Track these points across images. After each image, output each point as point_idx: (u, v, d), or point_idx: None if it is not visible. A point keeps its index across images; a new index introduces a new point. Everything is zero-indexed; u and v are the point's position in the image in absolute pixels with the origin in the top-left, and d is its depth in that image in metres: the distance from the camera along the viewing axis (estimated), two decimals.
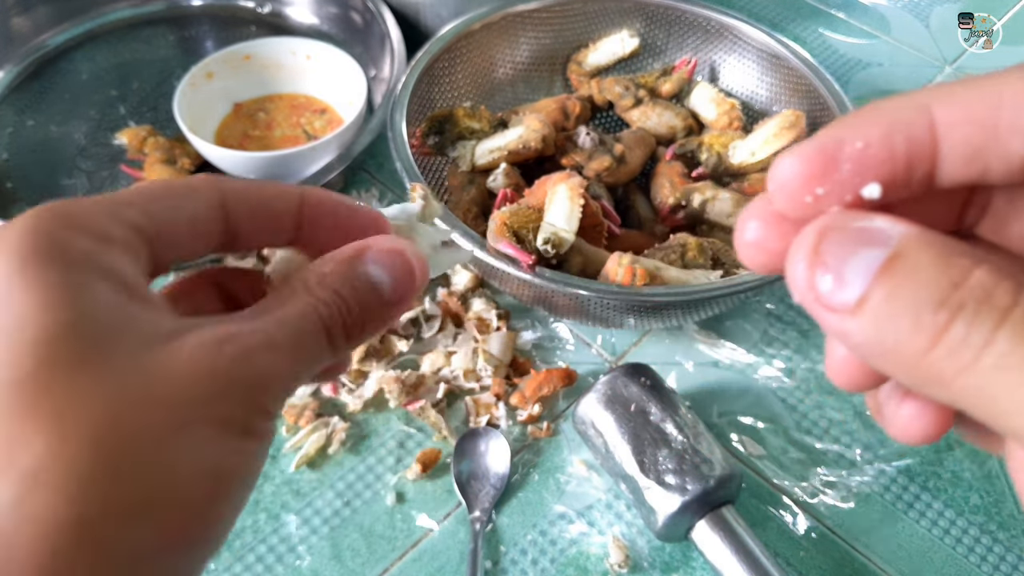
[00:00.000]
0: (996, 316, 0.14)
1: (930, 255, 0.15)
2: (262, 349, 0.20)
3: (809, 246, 0.17)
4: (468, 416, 0.58)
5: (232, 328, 0.20)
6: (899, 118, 0.16)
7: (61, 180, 0.73)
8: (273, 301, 0.22)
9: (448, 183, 0.67)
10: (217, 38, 0.87)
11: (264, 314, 0.21)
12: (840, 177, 0.17)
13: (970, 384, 0.14)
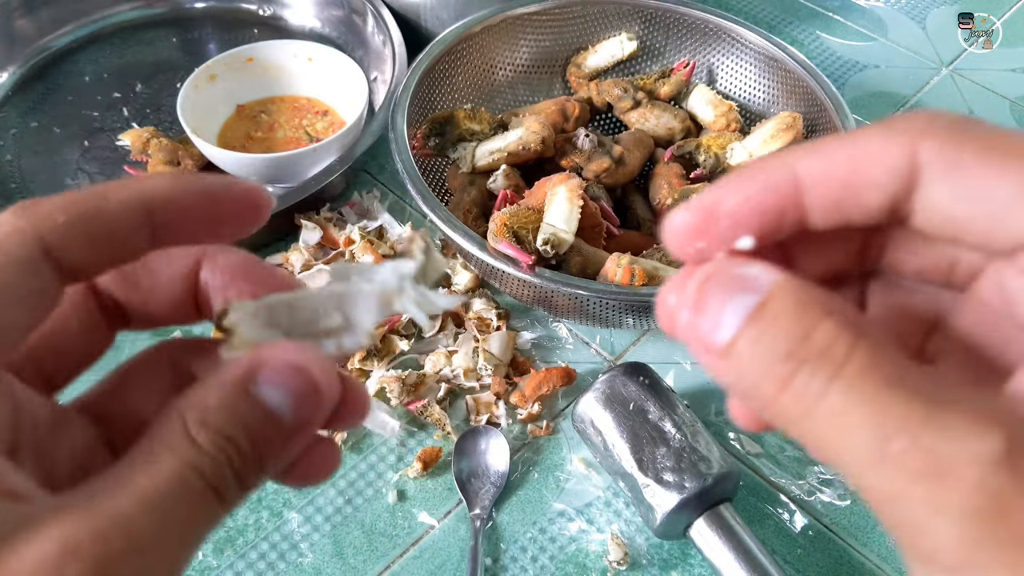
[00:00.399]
0: (831, 370, 0.16)
1: (790, 303, 0.17)
2: (122, 556, 0.16)
3: (693, 289, 0.18)
4: (468, 415, 0.58)
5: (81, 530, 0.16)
6: (768, 179, 0.19)
7: (64, 181, 0.73)
8: (141, 456, 0.17)
9: (449, 184, 0.67)
10: (219, 40, 0.88)
11: (126, 485, 0.17)
12: (719, 231, 0.19)
13: (809, 429, 0.16)
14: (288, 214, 0.66)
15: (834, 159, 0.18)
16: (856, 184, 0.18)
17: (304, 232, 0.66)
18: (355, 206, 0.70)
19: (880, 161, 0.18)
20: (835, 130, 0.63)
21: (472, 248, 0.53)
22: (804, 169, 0.18)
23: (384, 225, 0.68)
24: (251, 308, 0.21)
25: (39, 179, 0.74)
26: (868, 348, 0.16)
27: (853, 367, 0.16)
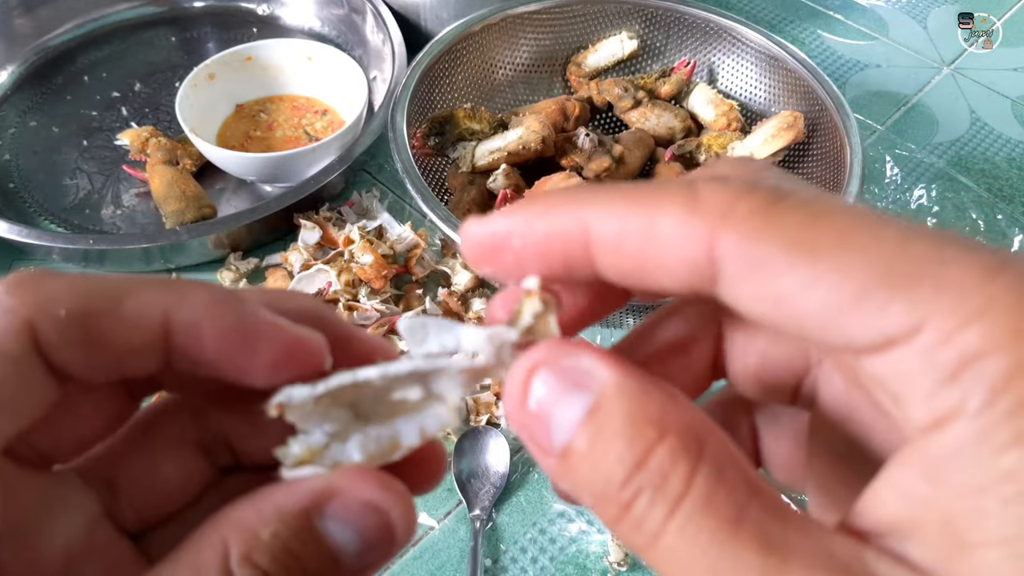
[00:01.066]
0: (668, 506, 0.14)
1: (621, 418, 0.15)
2: None
3: (520, 383, 0.16)
4: (468, 415, 0.58)
5: None
6: (555, 225, 0.17)
7: (63, 181, 0.73)
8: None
9: (448, 184, 0.67)
10: (218, 39, 0.88)
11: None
12: (505, 264, 0.17)
13: (652, 561, 0.15)
14: (287, 213, 0.66)
15: (625, 227, 0.16)
16: (647, 266, 0.16)
17: (303, 232, 0.66)
18: (354, 205, 0.70)
19: (673, 250, 0.15)
20: (836, 129, 0.63)
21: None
22: (595, 227, 0.16)
23: (384, 225, 0.68)
24: (309, 399, 0.17)
25: (38, 179, 0.73)
26: (707, 478, 0.14)
27: (690, 502, 0.14)
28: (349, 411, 0.18)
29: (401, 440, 0.18)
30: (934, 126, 0.82)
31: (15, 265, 0.67)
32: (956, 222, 0.73)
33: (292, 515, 0.16)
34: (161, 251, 0.63)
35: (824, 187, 0.64)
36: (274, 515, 0.16)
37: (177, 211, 0.66)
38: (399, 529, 0.17)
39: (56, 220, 0.70)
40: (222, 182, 0.73)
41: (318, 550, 0.16)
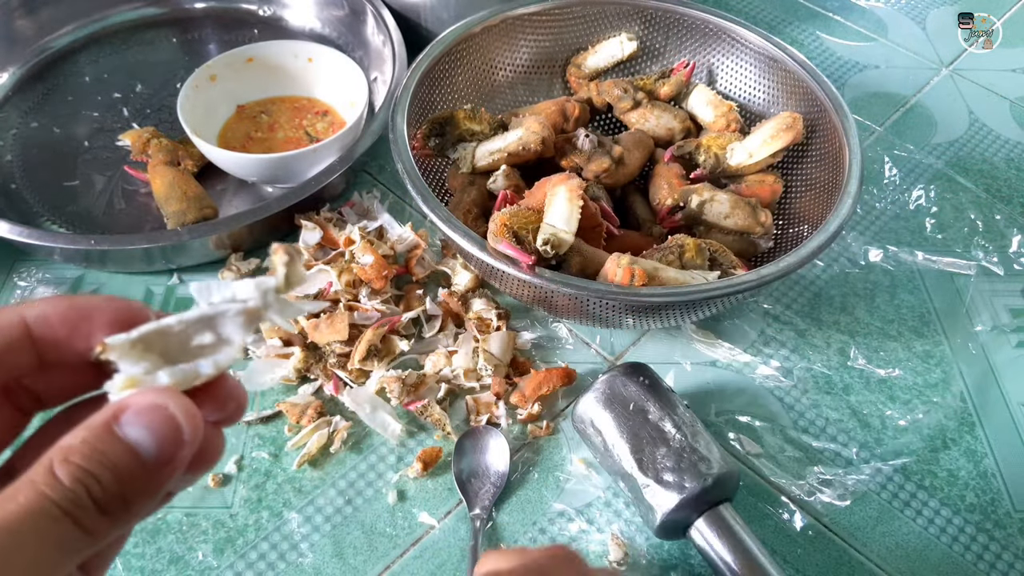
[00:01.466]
0: None
1: None
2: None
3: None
4: (468, 415, 0.58)
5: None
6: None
7: (64, 181, 0.73)
8: (5, 495, 0.19)
9: (449, 184, 0.67)
10: (220, 41, 0.88)
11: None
12: None
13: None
14: (288, 214, 0.66)
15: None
16: None
17: (304, 232, 0.66)
18: (355, 206, 0.71)
19: None
20: (835, 130, 0.63)
21: (472, 248, 0.53)
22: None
23: (384, 225, 0.68)
24: (125, 342, 0.22)
25: (40, 179, 0.74)
26: None
27: None
28: (160, 358, 0.23)
29: (200, 371, 0.23)
30: (933, 127, 0.82)
31: (16, 266, 0.67)
32: (955, 222, 0.73)
33: (96, 425, 0.21)
34: (162, 251, 0.64)
35: (823, 188, 0.64)
36: (82, 430, 0.21)
37: (178, 212, 0.67)
38: (182, 420, 0.21)
39: (58, 220, 0.70)
40: (223, 183, 0.73)
41: (119, 446, 0.20)
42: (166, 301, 0.65)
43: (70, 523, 0.19)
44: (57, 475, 0.20)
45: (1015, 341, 0.65)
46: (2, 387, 0.24)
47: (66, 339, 0.23)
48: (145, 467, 0.21)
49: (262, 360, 0.60)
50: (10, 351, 0.23)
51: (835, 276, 0.69)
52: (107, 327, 0.23)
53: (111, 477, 0.20)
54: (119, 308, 0.24)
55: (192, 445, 0.21)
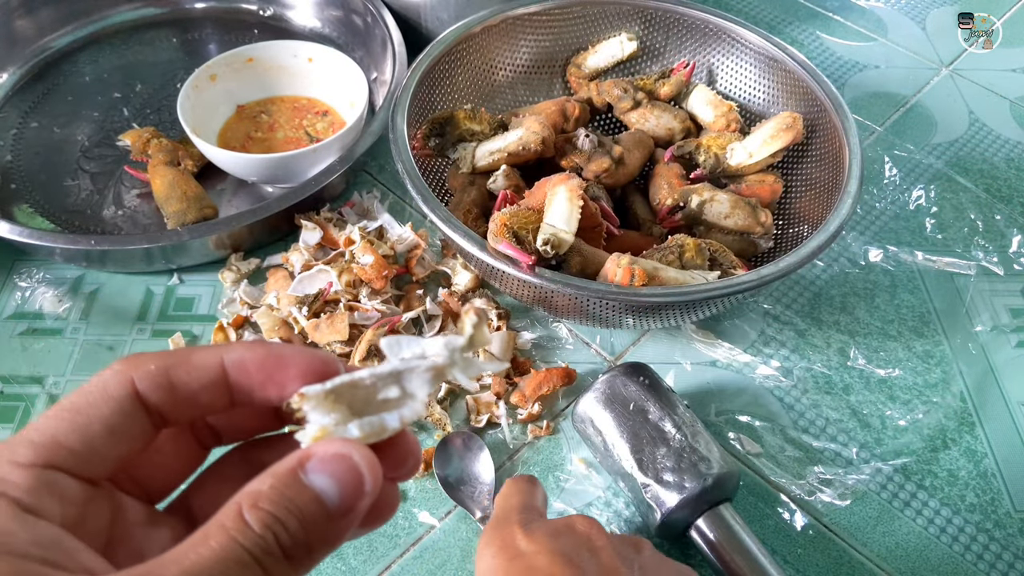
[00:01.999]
0: None
1: None
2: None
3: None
4: (469, 415, 0.58)
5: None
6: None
7: (64, 181, 0.73)
8: (197, 536, 0.20)
9: (449, 185, 0.67)
10: (220, 41, 0.88)
11: (177, 558, 0.20)
12: None
13: None
14: (288, 214, 0.66)
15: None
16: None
17: (304, 232, 0.66)
18: (355, 206, 0.71)
19: None
20: (835, 130, 0.63)
21: (472, 248, 0.53)
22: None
23: (384, 225, 0.68)
24: (320, 393, 0.23)
25: (39, 179, 0.74)
26: None
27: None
28: (348, 409, 0.23)
29: (386, 424, 0.24)
30: (933, 127, 0.82)
31: (16, 265, 0.67)
32: (955, 222, 0.73)
33: (283, 472, 0.21)
34: (163, 251, 0.64)
35: (823, 188, 0.64)
36: (270, 476, 0.21)
37: (179, 212, 0.67)
38: (364, 470, 0.22)
39: (58, 221, 0.70)
40: (223, 183, 0.73)
41: (305, 493, 0.21)
42: (166, 301, 0.65)
43: (259, 570, 0.20)
44: (247, 521, 0.20)
45: (1015, 341, 0.65)
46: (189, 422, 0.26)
47: (260, 385, 0.24)
48: (328, 515, 0.21)
49: None
50: (205, 391, 0.24)
51: (835, 276, 0.69)
52: (300, 377, 0.24)
53: (297, 524, 0.21)
54: (313, 359, 0.25)
55: (372, 496, 0.22)
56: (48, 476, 0.21)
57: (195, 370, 0.24)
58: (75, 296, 0.65)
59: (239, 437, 0.27)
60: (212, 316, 0.64)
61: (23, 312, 0.64)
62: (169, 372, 0.23)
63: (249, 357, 0.24)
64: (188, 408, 0.24)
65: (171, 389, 0.23)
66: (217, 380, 0.24)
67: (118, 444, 0.23)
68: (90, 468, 0.22)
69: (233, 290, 0.65)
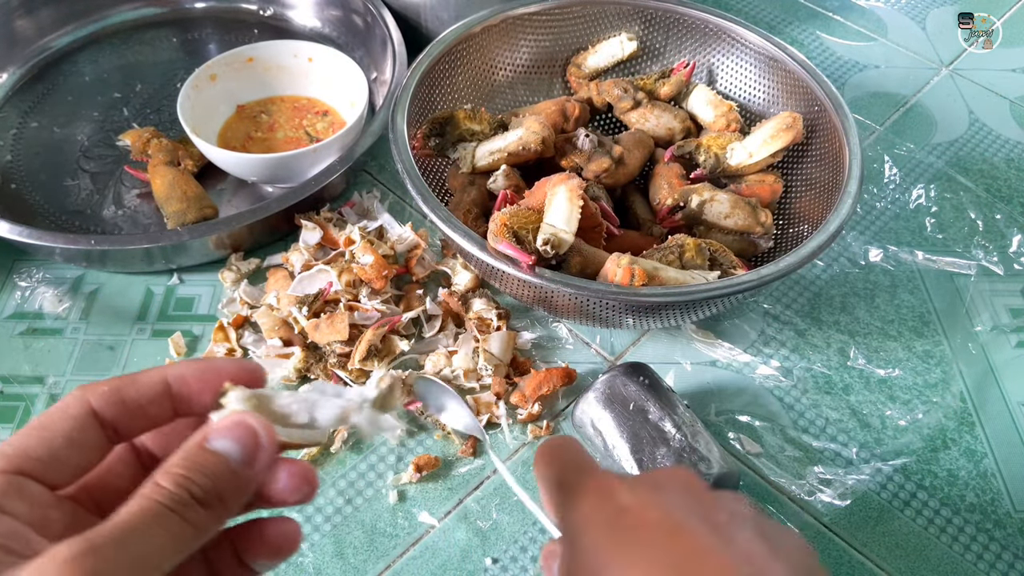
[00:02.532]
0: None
1: None
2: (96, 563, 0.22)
3: None
4: None
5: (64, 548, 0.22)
6: None
7: (64, 181, 0.73)
8: (121, 508, 0.24)
9: (449, 184, 0.67)
10: (220, 40, 0.88)
11: (105, 523, 0.23)
12: None
13: None
14: (288, 214, 0.66)
15: None
16: None
17: (304, 232, 0.66)
18: (355, 206, 0.71)
19: None
20: (835, 130, 0.63)
21: (472, 248, 0.53)
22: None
23: (384, 225, 0.68)
24: (244, 394, 0.28)
25: (39, 179, 0.74)
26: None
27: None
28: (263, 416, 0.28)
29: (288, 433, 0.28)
30: (933, 126, 0.82)
31: (16, 265, 0.67)
32: (955, 222, 0.73)
33: (189, 446, 0.26)
34: (163, 251, 0.64)
35: (823, 188, 0.64)
36: (178, 452, 0.26)
37: (178, 211, 0.67)
38: (259, 430, 0.26)
39: (58, 221, 0.70)
40: (223, 183, 0.73)
41: (211, 456, 0.26)
42: (166, 301, 0.65)
43: (177, 518, 0.24)
44: (161, 484, 0.24)
45: (1015, 341, 0.65)
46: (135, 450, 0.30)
47: (197, 393, 0.28)
48: (232, 468, 0.26)
49: (262, 360, 0.60)
50: (152, 403, 0.28)
51: (835, 276, 0.69)
52: (230, 380, 0.28)
53: (206, 479, 0.25)
54: (242, 367, 0.29)
55: (270, 449, 0.26)
56: (16, 481, 0.25)
57: (142, 386, 0.28)
58: (75, 296, 0.65)
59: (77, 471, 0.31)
60: (212, 316, 0.64)
61: (23, 312, 0.64)
62: (120, 391, 0.28)
63: (188, 371, 0.29)
64: (138, 420, 0.28)
65: (122, 404, 0.28)
66: (161, 393, 0.28)
67: (77, 454, 0.27)
68: (54, 475, 0.26)
69: (233, 290, 0.65)
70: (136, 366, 0.61)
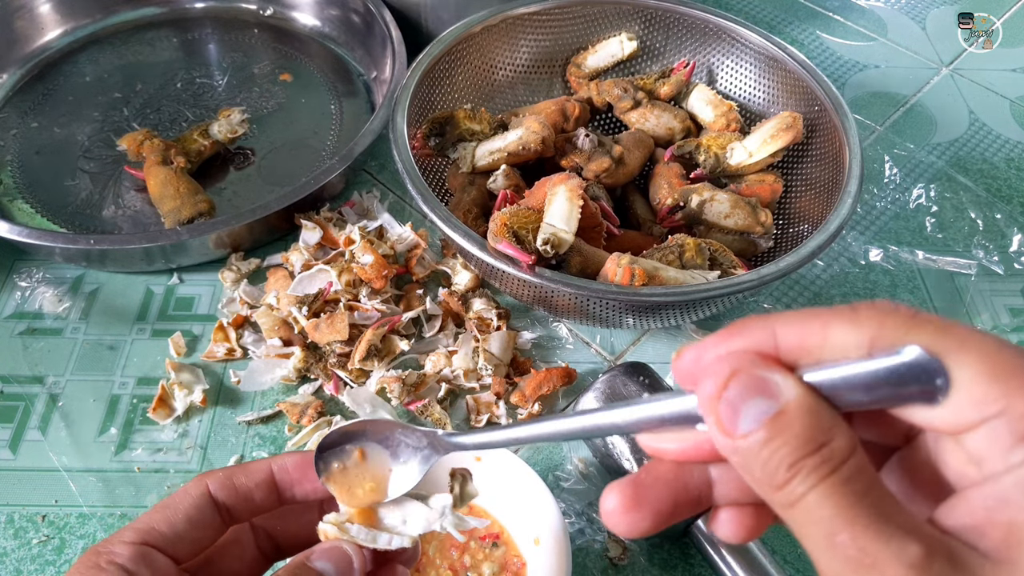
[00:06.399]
0: (816, 480, 0.21)
1: (802, 423, 0.21)
2: None
3: (721, 379, 0.22)
4: (469, 415, 0.58)
5: None
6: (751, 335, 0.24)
7: (64, 181, 0.73)
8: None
9: (449, 184, 0.67)
10: (220, 41, 0.88)
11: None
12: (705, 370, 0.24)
13: (790, 516, 0.22)
14: (288, 213, 0.66)
15: (808, 328, 0.22)
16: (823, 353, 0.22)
17: (304, 232, 0.66)
18: (355, 206, 0.70)
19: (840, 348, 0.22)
20: (835, 130, 0.63)
21: (472, 248, 0.53)
22: (781, 332, 0.23)
23: (384, 225, 0.68)
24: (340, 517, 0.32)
25: (39, 179, 0.74)
26: (850, 468, 0.21)
27: (833, 479, 0.21)
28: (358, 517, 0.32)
29: (377, 540, 0.31)
30: (933, 126, 0.82)
31: (16, 265, 0.67)
32: (955, 222, 0.73)
33: (295, 562, 0.30)
34: (162, 251, 0.64)
35: (823, 187, 0.64)
36: (288, 565, 0.30)
37: (173, 209, 0.67)
38: (352, 556, 0.31)
39: (58, 220, 0.70)
40: (222, 181, 0.73)
41: (311, 571, 0.30)
42: (166, 301, 0.65)
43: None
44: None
45: (1015, 341, 0.65)
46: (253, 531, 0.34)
47: (297, 482, 0.33)
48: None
49: (262, 360, 0.60)
50: (258, 488, 0.33)
51: (835, 276, 0.69)
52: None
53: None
54: None
55: (360, 572, 0.30)
56: (145, 551, 0.29)
57: (251, 473, 0.33)
58: (75, 296, 0.65)
59: (296, 549, 0.35)
60: (212, 316, 0.64)
61: (23, 312, 0.64)
62: (232, 476, 0.32)
63: (289, 461, 0.33)
64: (247, 504, 0.32)
65: (233, 488, 0.32)
66: (267, 480, 0.33)
67: (196, 530, 0.31)
68: (176, 548, 0.30)
69: (233, 290, 0.65)
70: (136, 366, 0.61)
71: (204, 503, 0.31)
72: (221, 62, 0.86)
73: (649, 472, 0.25)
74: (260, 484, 0.32)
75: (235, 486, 0.32)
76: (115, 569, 0.28)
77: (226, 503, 0.32)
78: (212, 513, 0.32)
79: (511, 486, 0.49)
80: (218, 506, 0.32)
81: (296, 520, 0.35)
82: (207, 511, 0.31)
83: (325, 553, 0.30)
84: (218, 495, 0.32)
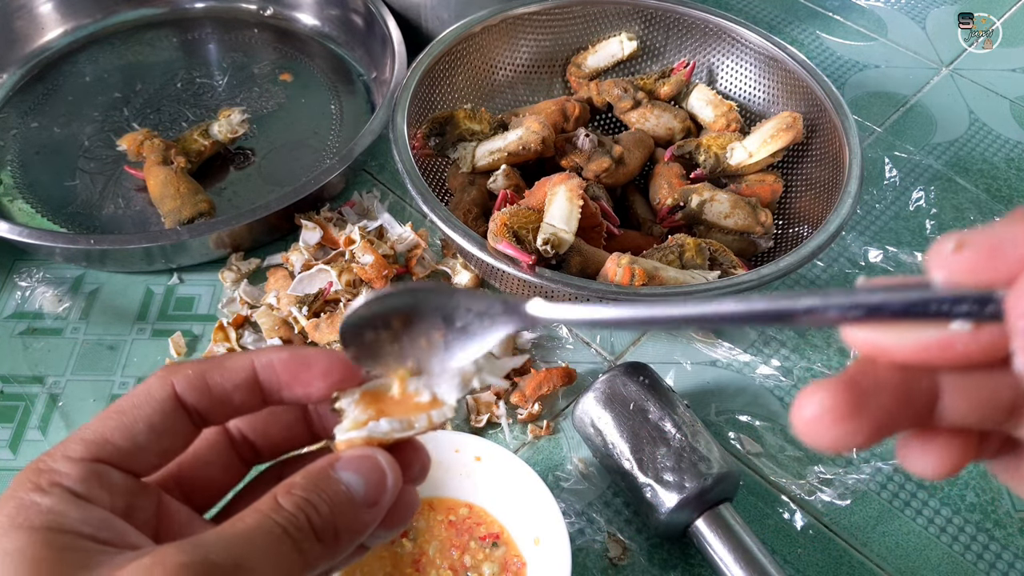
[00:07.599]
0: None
1: None
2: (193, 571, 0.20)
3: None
4: (469, 414, 0.58)
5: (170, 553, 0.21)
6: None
7: (64, 181, 0.73)
8: (234, 518, 0.23)
9: (449, 184, 0.67)
10: (220, 41, 0.88)
11: (215, 532, 0.22)
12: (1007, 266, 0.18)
13: None
14: (288, 213, 0.66)
15: None
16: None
17: (304, 232, 0.66)
18: (355, 206, 0.70)
19: None
20: (835, 130, 0.63)
21: (472, 248, 0.53)
22: None
23: (384, 225, 0.68)
24: (356, 396, 0.26)
25: (39, 179, 0.74)
26: None
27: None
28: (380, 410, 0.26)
29: (415, 424, 0.26)
30: (933, 126, 0.82)
31: (16, 265, 0.67)
32: (955, 223, 0.73)
33: (315, 468, 0.24)
34: (162, 251, 0.64)
35: (823, 188, 0.64)
36: (303, 472, 0.24)
37: (173, 210, 0.67)
38: (387, 468, 0.25)
39: (58, 220, 0.70)
40: (223, 181, 0.73)
41: (335, 484, 0.24)
42: (166, 301, 0.65)
43: (290, 543, 0.22)
44: (281, 503, 0.23)
45: None
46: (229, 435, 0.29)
47: (287, 384, 0.27)
48: (355, 505, 0.24)
49: None
50: (238, 390, 0.27)
51: (835, 276, 0.69)
52: (322, 376, 0.27)
53: (328, 509, 0.23)
54: (334, 359, 0.27)
55: (394, 492, 0.25)
56: (97, 468, 0.24)
57: (228, 372, 0.26)
58: (75, 296, 0.65)
59: (276, 453, 0.30)
60: (212, 316, 0.64)
61: (23, 312, 0.64)
62: (205, 375, 0.26)
63: (276, 359, 0.27)
64: (223, 407, 0.27)
65: (207, 390, 0.26)
66: (248, 380, 0.27)
67: (160, 440, 0.25)
68: (135, 463, 0.25)
69: (233, 290, 0.65)
70: (136, 366, 0.61)
71: (170, 407, 0.25)
72: (221, 62, 0.86)
73: (866, 374, 0.19)
74: (240, 386, 0.26)
75: (208, 387, 0.26)
76: (59, 492, 0.23)
77: (196, 406, 0.26)
78: (180, 418, 0.26)
79: (511, 486, 0.50)
80: (187, 410, 0.26)
81: (277, 421, 0.29)
82: (174, 416, 0.26)
83: (353, 462, 0.24)
84: (187, 397, 0.26)
